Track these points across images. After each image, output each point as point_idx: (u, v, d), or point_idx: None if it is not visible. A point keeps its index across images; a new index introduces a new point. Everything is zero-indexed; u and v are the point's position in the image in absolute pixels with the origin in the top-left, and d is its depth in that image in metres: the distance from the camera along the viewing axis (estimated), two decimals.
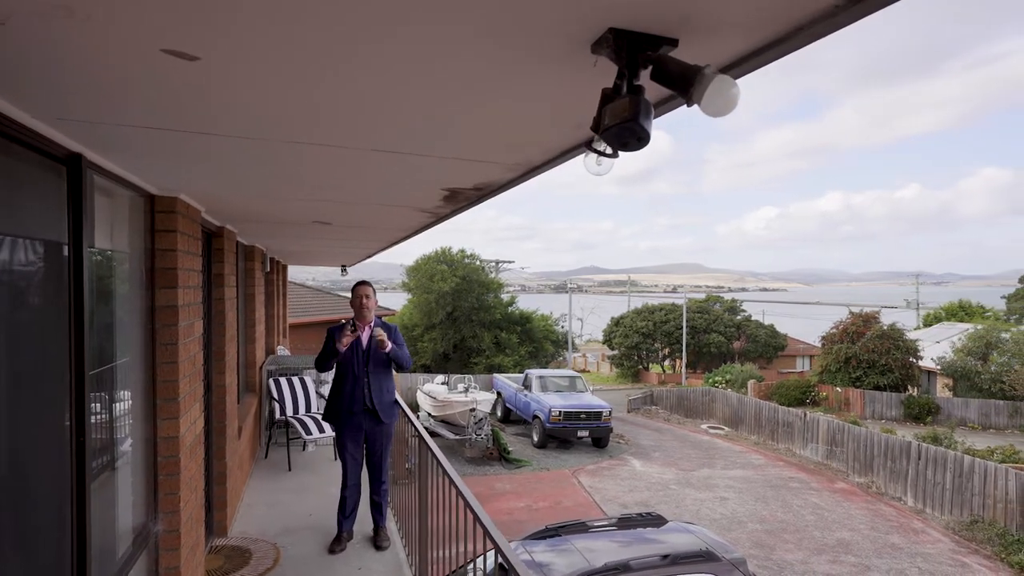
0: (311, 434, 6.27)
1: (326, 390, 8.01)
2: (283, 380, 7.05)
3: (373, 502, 4.47)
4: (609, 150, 1.12)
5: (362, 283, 4.32)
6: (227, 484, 4.51)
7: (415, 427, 4.16)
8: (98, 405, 2.55)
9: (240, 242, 5.96)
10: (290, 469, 6.20)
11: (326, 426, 6.42)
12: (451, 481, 2.91)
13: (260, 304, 7.13)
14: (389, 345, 4.17)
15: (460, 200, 2.95)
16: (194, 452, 3.31)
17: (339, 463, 4.50)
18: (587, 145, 1.14)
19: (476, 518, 2.48)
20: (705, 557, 6.25)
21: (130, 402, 2.78)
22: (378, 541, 4.41)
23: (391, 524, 4.75)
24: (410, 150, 1.92)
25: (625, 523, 7.28)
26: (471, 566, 4.97)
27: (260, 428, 7.05)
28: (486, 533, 2.38)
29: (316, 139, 1.83)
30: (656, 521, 7.38)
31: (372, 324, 4.29)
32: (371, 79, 1.31)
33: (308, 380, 7.29)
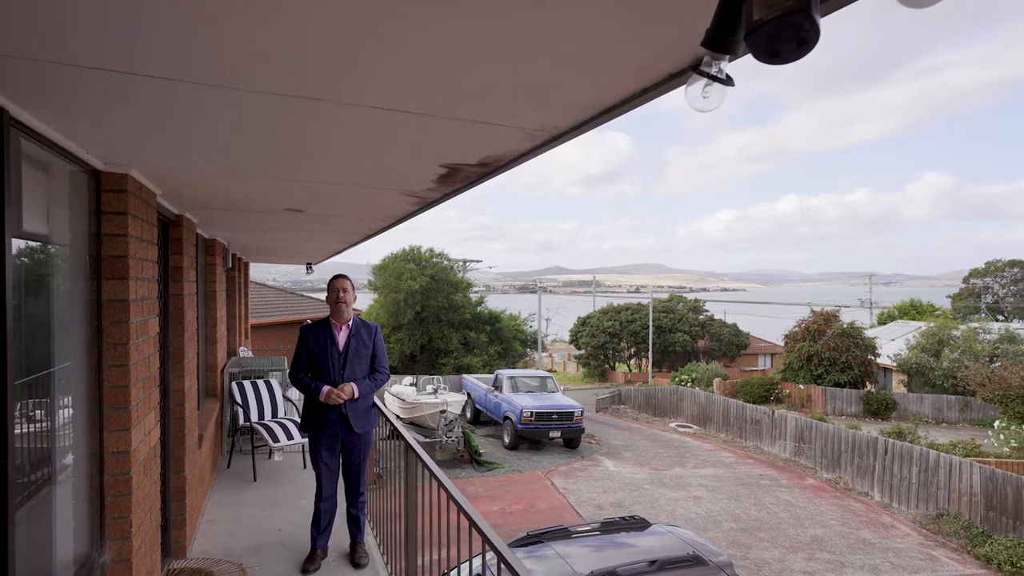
0: (278, 441, 5.83)
1: (293, 393, 7.55)
2: (247, 383, 6.57)
3: (350, 515, 4.10)
4: (724, 74, 0.84)
5: (339, 276, 3.98)
6: (186, 500, 4.08)
7: (397, 430, 3.83)
8: (39, 412, 2.16)
9: (200, 234, 5.49)
10: (255, 480, 5.75)
11: (295, 432, 5.99)
12: (449, 493, 2.59)
13: (221, 302, 6.64)
14: (356, 393, 3.87)
15: (456, 181, 2.63)
16: (148, 467, 2.91)
17: (309, 472, 4.13)
18: (694, 68, 0.87)
19: (481, 534, 2.18)
20: (693, 561, 6.07)
21: (71, 412, 2.38)
22: (356, 558, 4.05)
23: (369, 538, 4.39)
24: (418, 108, 1.60)
25: (608, 527, 7.06)
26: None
27: (222, 436, 6.56)
28: (486, 540, 2.10)
29: (304, 90, 1.49)
30: (640, 524, 7.18)
31: (351, 323, 3.94)
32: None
33: (274, 383, 6.83)
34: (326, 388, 3.80)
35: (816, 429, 15.97)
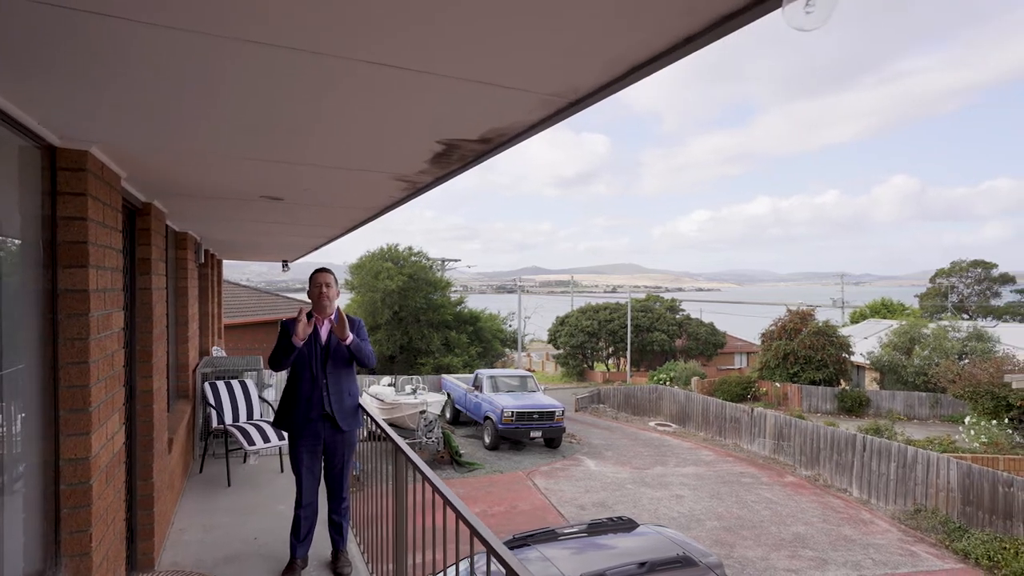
0: (254, 444, 5.55)
1: (269, 394, 7.26)
2: (220, 384, 6.27)
3: (332, 522, 3.88)
4: None
5: (322, 270, 3.77)
6: (155, 508, 3.80)
7: (383, 430, 3.62)
8: None
9: (170, 227, 5.20)
10: (229, 485, 5.46)
11: (271, 435, 5.71)
12: (447, 499, 2.40)
13: (193, 299, 6.33)
14: (350, 336, 3.65)
15: (453, 161, 2.44)
16: (112, 475, 2.65)
17: (287, 476, 3.90)
18: None
19: (485, 542, 1.99)
20: (683, 563, 5.95)
21: (23, 415, 2.13)
22: (338, 567, 3.83)
23: (351, 545, 4.16)
24: (420, 63, 1.40)
25: (595, 529, 6.92)
26: None
27: (194, 439, 6.25)
28: (487, 546, 1.92)
29: (281, 36, 1.28)
30: (627, 525, 7.06)
31: (334, 317, 3.73)
32: None
33: (249, 383, 6.53)
34: (300, 323, 3.56)
35: (795, 427, 16.08)
